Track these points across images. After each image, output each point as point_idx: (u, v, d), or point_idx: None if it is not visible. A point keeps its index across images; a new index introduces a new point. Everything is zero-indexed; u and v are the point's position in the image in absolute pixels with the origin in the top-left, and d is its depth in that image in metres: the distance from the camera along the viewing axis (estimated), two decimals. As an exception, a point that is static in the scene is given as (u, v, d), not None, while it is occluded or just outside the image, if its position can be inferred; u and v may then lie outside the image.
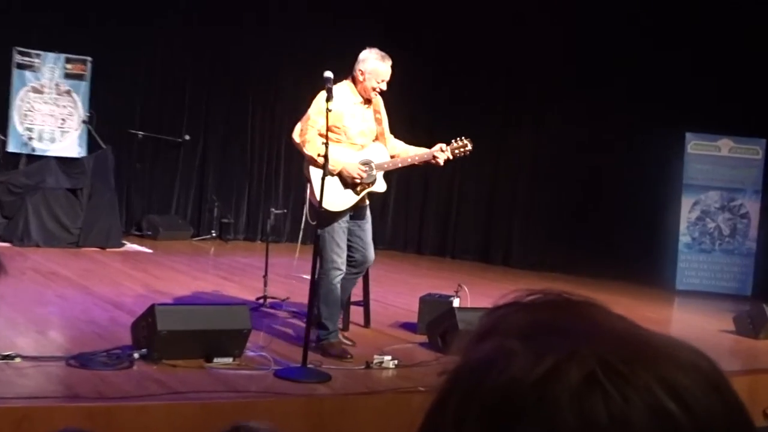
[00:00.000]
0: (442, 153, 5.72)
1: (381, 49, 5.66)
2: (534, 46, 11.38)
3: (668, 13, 10.71)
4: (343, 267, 5.61)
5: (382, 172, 5.74)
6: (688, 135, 10.71)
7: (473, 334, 0.69)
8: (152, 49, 10.99)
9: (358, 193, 5.63)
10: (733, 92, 10.43)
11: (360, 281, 6.42)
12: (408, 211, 12.37)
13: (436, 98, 12.02)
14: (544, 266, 11.14)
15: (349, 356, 5.48)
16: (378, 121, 5.77)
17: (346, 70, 5.72)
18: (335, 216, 5.55)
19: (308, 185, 5.59)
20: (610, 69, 10.87)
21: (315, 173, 5.38)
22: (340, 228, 5.59)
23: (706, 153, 10.78)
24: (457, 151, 5.79)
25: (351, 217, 5.68)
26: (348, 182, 5.59)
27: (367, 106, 5.71)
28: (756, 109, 10.48)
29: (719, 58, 10.49)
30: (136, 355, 4.83)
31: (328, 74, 5.22)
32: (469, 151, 5.83)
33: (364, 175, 5.60)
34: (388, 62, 5.61)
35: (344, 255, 5.61)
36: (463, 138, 5.82)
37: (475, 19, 11.52)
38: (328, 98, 5.14)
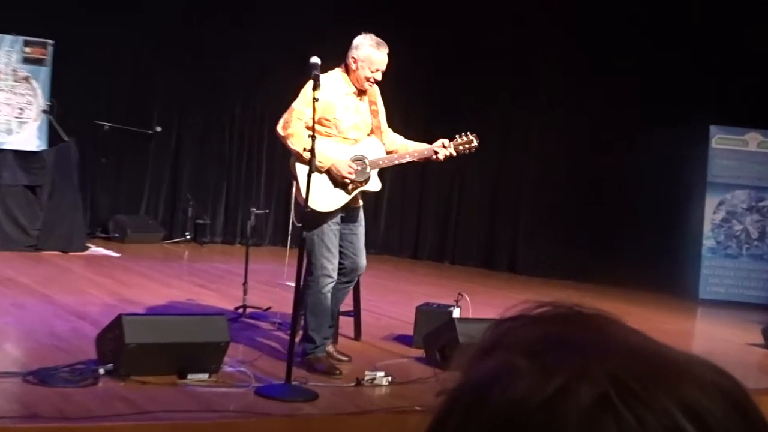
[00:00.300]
0: (444, 149, 5.71)
1: (377, 36, 5.66)
2: (540, 33, 11.42)
3: (688, 3, 10.79)
4: (334, 274, 5.61)
5: (376, 170, 5.74)
6: (712, 128, 10.72)
7: (476, 350, 0.70)
8: (120, 31, 10.97)
9: (349, 193, 5.63)
10: (761, 82, 10.45)
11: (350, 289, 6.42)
12: (403, 212, 12.38)
13: (435, 90, 12.03)
14: (554, 273, 11.16)
15: (337, 372, 5.49)
16: (374, 114, 5.77)
17: (338, 58, 5.73)
18: (324, 217, 5.55)
19: (294, 183, 5.59)
20: (624, 58, 10.90)
21: (301, 170, 5.38)
22: (331, 230, 5.59)
23: (733, 148, 10.80)
24: (461, 147, 5.78)
25: (342, 220, 5.68)
26: (338, 180, 5.59)
27: (361, 97, 5.72)
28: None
29: (748, 46, 10.52)
30: (101, 371, 4.82)
31: (315, 60, 5.21)
32: (475, 147, 5.82)
33: (355, 173, 5.60)
34: (384, 50, 5.60)
35: (335, 260, 5.61)
36: (468, 133, 5.81)
37: (476, 8, 11.53)
38: (315, 87, 5.14)
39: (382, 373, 5.36)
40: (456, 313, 6.52)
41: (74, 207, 9.90)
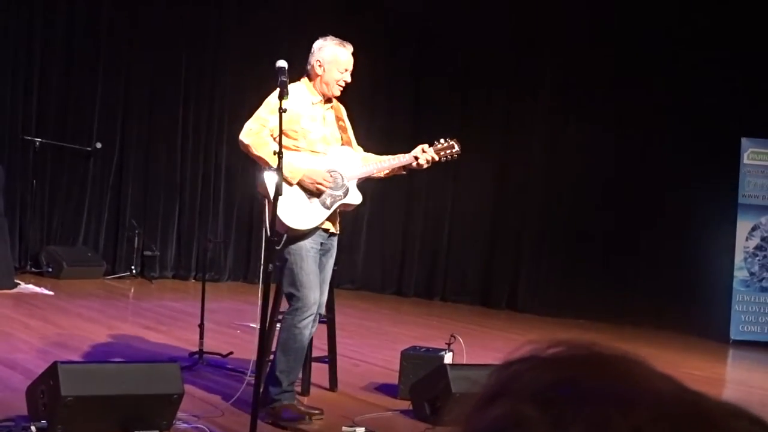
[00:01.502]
0: (424, 153, 5.80)
1: (337, 33, 5.86)
2: (546, 34, 11.49)
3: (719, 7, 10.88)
4: (315, 307, 5.61)
5: (355, 181, 5.79)
6: (744, 141, 10.77)
7: (478, 398, 0.69)
8: (52, 31, 10.96)
9: (329, 207, 5.66)
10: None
11: (323, 331, 6.41)
12: (385, 240, 12.36)
13: (417, 96, 12.06)
14: (561, 311, 11.15)
15: (307, 418, 5.47)
16: (342, 129, 5.87)
17: (302, 60, 5.83)
18: (302, 237, 5.57)
19: (267, 203, 5.59)
20: (644, 61, 10.96)
21: (274, 186, 5.38)
22: (310, 255, 5.60)
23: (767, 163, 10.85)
24: (442, 153, 5.86)
25: (321, 245, 5.70)
26: (313, 192, 5.62)
27: (328, 106, 5.80)
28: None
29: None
30: (33, 429, 4.79)
31: (282, 64, 5.23)
32: (457, 153, 5.91)
33: (331, 183, 5.64)
34: (349, 48, 5.80)
35: (317, 291, 5.62)
36: (448, 139, 5.91)
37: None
38: (281, 95, 5.14)
39: (362, 429, 5.35)
40: (448, 358, 6.52)
41: (0, 237, 9.85)
